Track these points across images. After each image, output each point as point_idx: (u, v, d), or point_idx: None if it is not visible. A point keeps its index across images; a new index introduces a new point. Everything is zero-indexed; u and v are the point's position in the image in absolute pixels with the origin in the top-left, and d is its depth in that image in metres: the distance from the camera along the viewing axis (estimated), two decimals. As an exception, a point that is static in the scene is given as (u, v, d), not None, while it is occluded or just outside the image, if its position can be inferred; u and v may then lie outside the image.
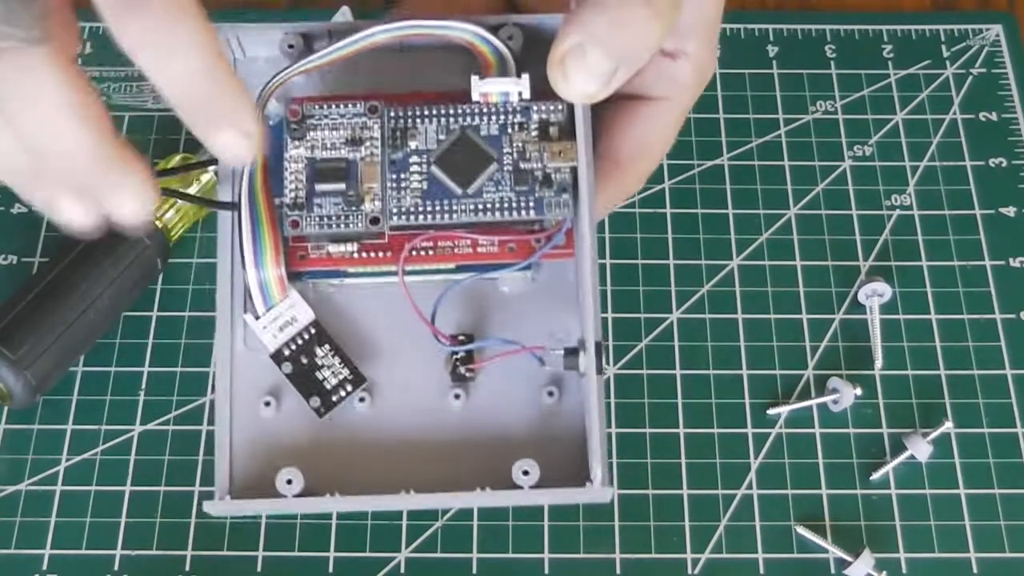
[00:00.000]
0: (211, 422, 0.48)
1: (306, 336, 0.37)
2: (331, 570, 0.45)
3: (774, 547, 0.46)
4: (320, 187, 0.36)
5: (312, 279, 0.37)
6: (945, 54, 0.59)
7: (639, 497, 0.47)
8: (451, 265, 0.37)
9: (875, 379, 0.49)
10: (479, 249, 0.37)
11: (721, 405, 0.49)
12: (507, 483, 0.35)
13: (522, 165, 0.36)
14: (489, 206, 0.36)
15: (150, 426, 0.48)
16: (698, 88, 0.40)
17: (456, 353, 0.37)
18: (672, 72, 0.39)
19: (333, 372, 0.37)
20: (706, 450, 0.48)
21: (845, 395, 0.48)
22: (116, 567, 0.45)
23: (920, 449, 0.47)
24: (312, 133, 0.36)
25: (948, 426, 0.48)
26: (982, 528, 0.46)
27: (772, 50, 0.59)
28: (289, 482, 0.35)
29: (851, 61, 0.59)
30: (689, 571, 0.45)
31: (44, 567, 0.45)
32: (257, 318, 0.36)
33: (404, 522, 0.46)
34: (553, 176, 0.36)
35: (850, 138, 0.56)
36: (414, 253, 0.37)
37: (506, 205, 0.36)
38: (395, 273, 0.36)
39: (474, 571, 0.45)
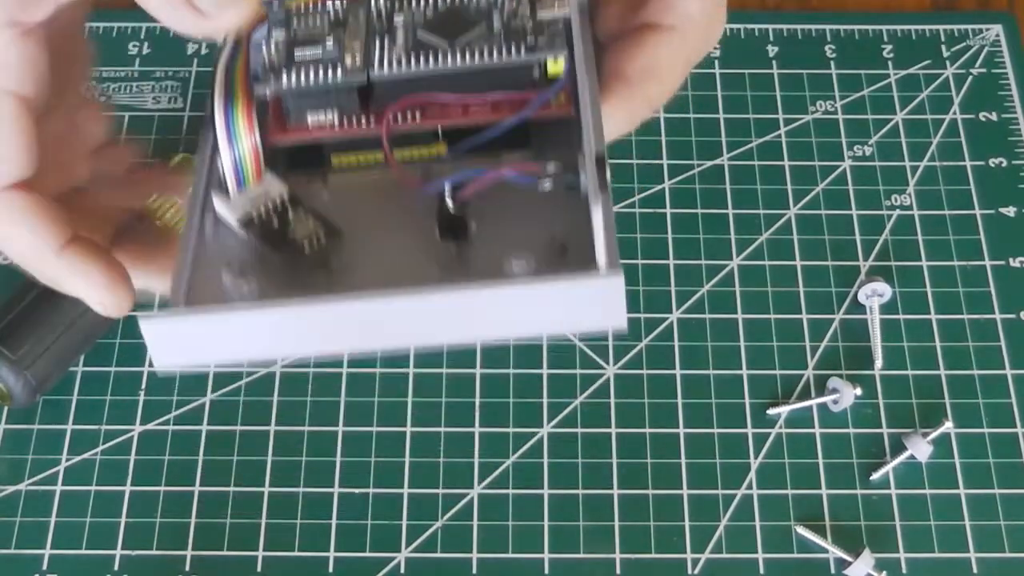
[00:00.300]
0: (211, 422, 0.48)
1: (278, 203, 0.33)
2: (331, 570, 0.45)
3: (774, 547, 0.46)
4: (300, 52, 0.34)
5: (295, 169, 0.35)
6: (945, 54, 0.59)
7: (639, 497, 0.47)
8: (441, 146, 0.34)
9: (875, 379, 0.49)
10: (470, 111, 0.34)
11: (721, 405, 0.49)
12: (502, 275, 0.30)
13: (513, 23, 0.34)
14: (478, 53, 0.33)
15: (150, 426, 0.48)
16: (705, 24, 0.40)
17: (446, 186, 0.32)
18: (679, 4, 0.40)
19: (305, 228, 0.33)
20: (706, 450, 0.48)
21: (845, 395, 0.48)
22: (116, 567, 0.45)
23: (920, 449, 0.47)
24: (296, 18, 0.34)
25: (948, 426, 0.48)
26: (982, 528, 0.46)
27: (772, 50, 0.59)
28: (243, 289, 0.31)
29: (851, 61, 0.59)
30: (689, 571, 0.45)
31: (44, 567, 0.45)
32: (228, 198, 0.33)
33: (404, 522, 0.46)
34: (545, 26, 0.34)
35: (850, 138, 0.56)
36: (400, 118, 0.34)
37: (495, 52, 0.33)
38: (380, 163, 0.34)
39: (474, 571, 0.45)
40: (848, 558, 0.45)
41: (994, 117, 0.57)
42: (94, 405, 0.49)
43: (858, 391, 0.48)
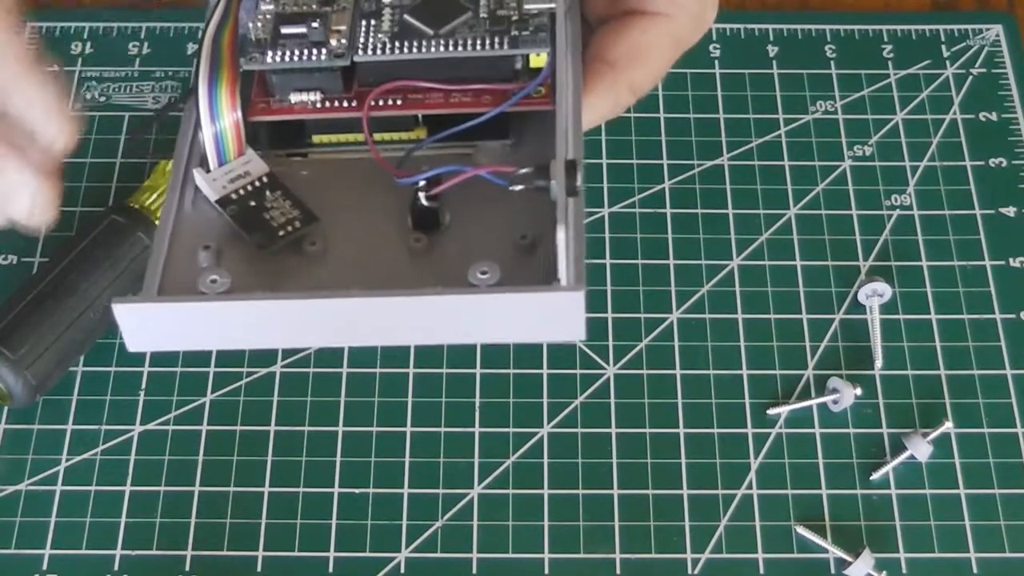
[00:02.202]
0: (211, 422, 0.48)
1: (257, 184, 0.34)
2: (331, 570, 0.45)
3: (774, 547, 0.46)
4: (285, 29, 0.34)
5: (276, 148, 0.35)
6: (945, 54, 0.59)
7: (639, 497, 0.47)
8: (421, 130, 0.34)
9: (875, 379, 0.49)
10: (452, 99, 0.34)
11: (721, 405, 0.49)
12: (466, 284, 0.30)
13: (499, 12, 0.34)
14: (461, 43, 0.34)
15: (150, 426, 0.48)
16: (697, 11, 0.40)
17: (416, 183, 0.33)
18: None
19: (282, 212, 0.33)
20: (706, 450, 0.48)
21: (845, 395, 0.48)
22: (116, 567, 0.45)
23: (920, 449, 0.47)
24: None
25: (948, 426, 0.48)
26: (982, 528, 0.46)
27: (772, 50, 0.59)
28: (214, 281, 0.31)
29: (851, 61, 0.59)
30: (689, 571, 0.45)
31: (44, 567, 0.45)
32: (208, 171, 0.34)
33: (404, 522, 0.46)
34: (529, 20, 0.34)
35: (850, 138, 0.56)
36: (381, 102, 0.34)
37: (479, 42, 0.34)
38: (362, 144, 0.34)
39: (474, 571, 0.45)
40: (848, 558, 0.45)
41: (994, 117, 0.57)
42: (94, 405, 0.49)
43: (858, 391, 0.48)
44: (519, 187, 0.32)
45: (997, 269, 0.52)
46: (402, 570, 0.45)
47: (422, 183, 0.32)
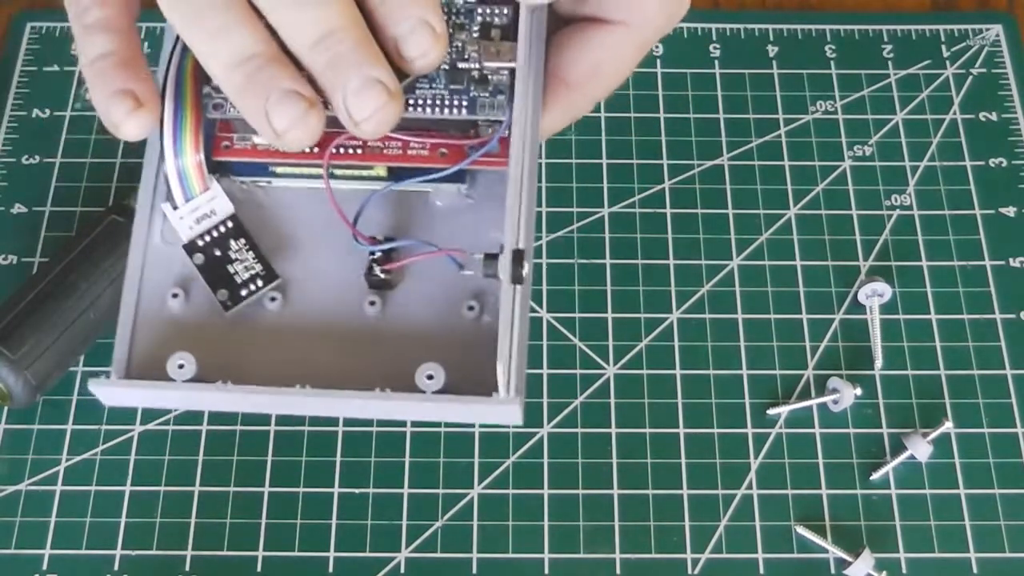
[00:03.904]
0: (211, 422, 0.48)
1: (223, 229, 0.35)
2: (331, 570, 0.45)
3: (774, 547, 0.46)
4: None
5: (240, 176, 0.36)
6: (945, 54, 0.59)
7: (639, 497, 0.47)
8: (380, 167, 0.35)
9: (875, 379, 0.49)
10: (409, 151, 0.35)
11: (721, 405, 0.49)
12: (411, 388, 0.33)
13: (459, 65, 0.34)
14: (420, 103, 0.34)
15: (150, 426, 0.48)
16: (663, 20, 0.38)
17: (373, 253, 0.35)
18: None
19: (246, 267, 0.35)
20: (706, 450, 0.48)
21: (845, 395, 0.48)
22: (116, 567, 0.45)
23: (920, 449, 0.47)
24: None
25: (948, 426, 0.48)
26: (982, 528, 0.46)
27: (772, 50, 0.59)
28: (181, 367, 0.33)
29: (851, 61, 0.59)
30: (689, 571, 0.45)
31: (44, 567, 0.45)
32: (175, 208, 0.35)
33: (404, 522, 0.46)
34: (489, 77, 0.34)
35: (850, 138, 0.56)
36: (342, 151, 0.35)
37: (438, 102, 0.34)
38: (329, 176, 0.35)
39: (474, 571, 0.45)
40: (848, 558, 0.45)
41: (994, 117, 0.57)
42: (94, 405, 0.48)
43: (858, 391, 0.48)
44: (470, 272, 0.34)
45: (997, 269, 0.52)
46: (402, 570, 0.45)
47: (378, 254, 0.34)
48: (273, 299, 0.35)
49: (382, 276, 0.34)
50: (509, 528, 0.46)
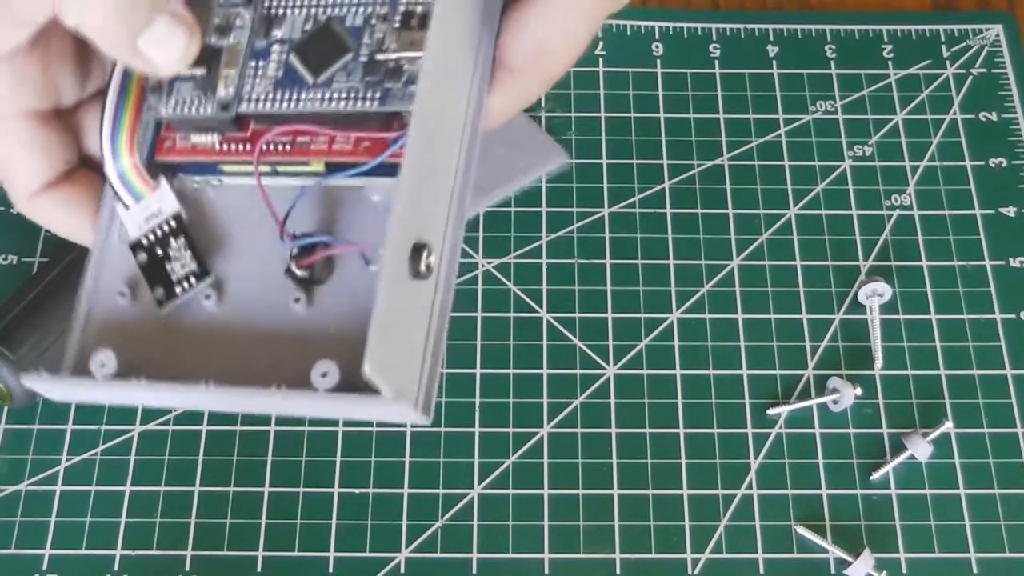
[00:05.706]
0: (211, 423, 0.48)
1: (166, 228, 0.36)
2: (331, 570, 0.45)
3: (774, 547, 0.46)
4: (178, 78, 0.35)
5: (190, 174, 0.36)
6: (945, 54, 0.59)
7: (639, 497, 0.47)
8: (318, 163, 0.35)
9: (875, 379, 0.49)
10: (335, 146, 0.35)
11: (721, 405, 0.49)
12: (307, 385, 0.33)
13: (378, 56, 0.34)
14: (336, 96, 0.34)
15: (150, 426, 0.48)
16: None
17: (292, 250, 0.34)
18: None
19: (182, 264, 0.35)
20: (706, 450, 0.48)
21: (845, 395, 0.48)
22: (116, 567, 0.45)
23: (920, 449, 0.47)
24: None
25: (948, 426, 0.48)
26: (982, 528, 0.46)
27: (772, 50, 0.59)
28: (102, 365, 0.34)
29: (851, 61, 0.59)
30: (689, 571, 0.45)
31: (44, 567, 0.45)
32: (127, 208, 0.36)
33: (404, 522, 0.46)
34: (404, 67, 0.34)
35: (850, 138, 0.56)
36: (272, 147, 0.35)
37: (352, 95, 0.34)
38: (272, 173, 0.35)
39: (474, 571, 0.45)
40: (848, 558, 0.45)
41: (994, 117, 0.57)
42: (95, 405, 0.49)
43: (858, 391, 0.48)
44: (375, 268, 0.34)
45: (997, 269, 0.52)
46: (402, 570, 0.45)
47: (295, 251, 0.34)
48: (208, 297, 0.35)
49: (298, 273, 0.34)
50: (509, 528, 0.46)
